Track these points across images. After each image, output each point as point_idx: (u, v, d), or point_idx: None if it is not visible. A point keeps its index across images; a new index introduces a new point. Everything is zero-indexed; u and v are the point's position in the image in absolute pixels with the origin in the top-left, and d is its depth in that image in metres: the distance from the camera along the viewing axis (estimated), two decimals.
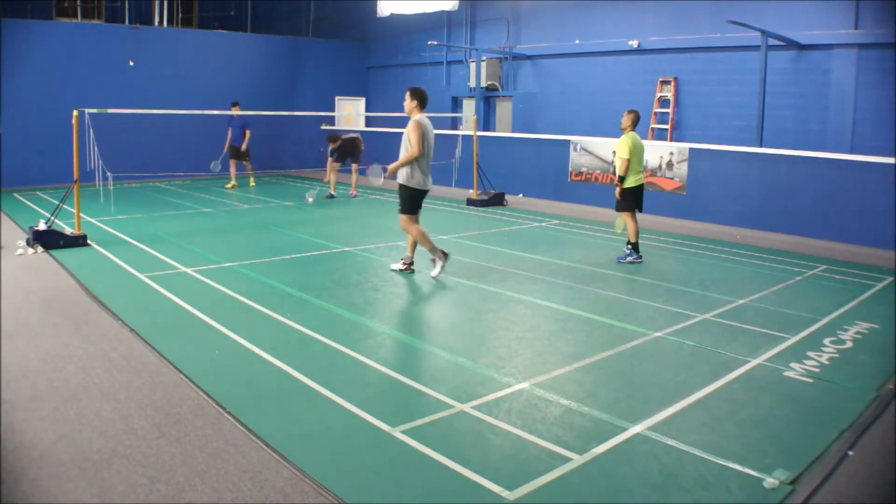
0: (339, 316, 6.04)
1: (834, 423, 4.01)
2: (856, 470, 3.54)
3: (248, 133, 14.51)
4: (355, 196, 14.18)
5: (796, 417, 4.13)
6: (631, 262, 8.23)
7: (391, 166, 7.32)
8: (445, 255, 7.36)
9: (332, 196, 13.93)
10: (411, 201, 7.25)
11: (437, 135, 7.72)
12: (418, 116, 7.16)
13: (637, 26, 14.48)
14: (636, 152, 8.18)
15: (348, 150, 13.82)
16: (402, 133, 7.24)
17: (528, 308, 6.33)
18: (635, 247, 8.29)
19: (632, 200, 8.30)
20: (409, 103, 7.21)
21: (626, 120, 8.33)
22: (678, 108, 13.89)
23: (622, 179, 8.15)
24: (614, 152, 8.61)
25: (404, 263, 7.55)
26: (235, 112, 14.24)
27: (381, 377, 4.61)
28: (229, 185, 15.06)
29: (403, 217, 7.31)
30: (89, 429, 3.77)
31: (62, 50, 15.64)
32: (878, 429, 4.02)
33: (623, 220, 8.39)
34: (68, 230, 8.96)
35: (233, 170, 14.96)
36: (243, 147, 14.55)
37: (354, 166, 14.03)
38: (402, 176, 7.20)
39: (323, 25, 21.20)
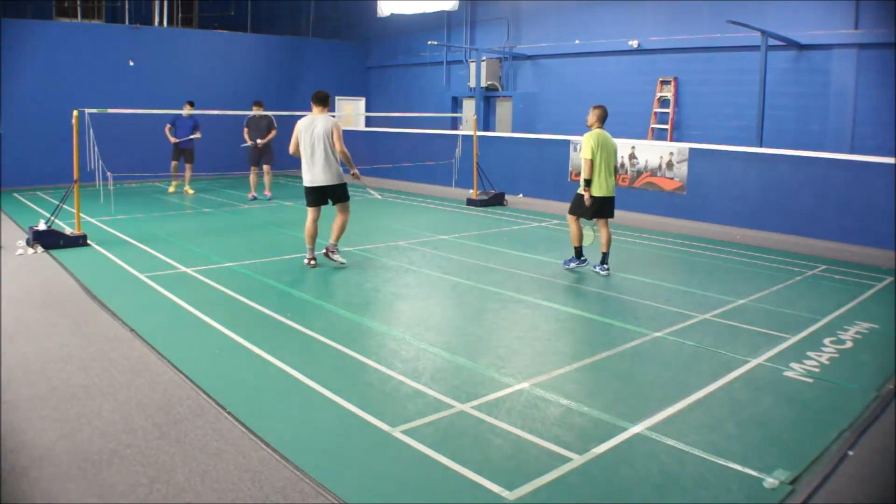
0: (339, 316, 6.04)
1: (834, 423, 4.01)
2: (856, 470, 3.54)
3: (198, 134, 13.70)
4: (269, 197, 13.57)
5: (796, 417, 4.13)
6: (574, 269, 7.68)
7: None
8: (313, 259, 7.76)
9: (254, 198, 13.42)
10: (306, 196, 7.69)
11: (437, 135, 7.76)
12: (306, 117, 7.57)
13: (637, 26, 14.48)
14: (603, 152, 7.37)
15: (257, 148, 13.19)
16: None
17: (528, 308, 6.33)
18: (578, 252, 7.69)
19: (592, 209, 7.46)
20: None
21: (590, 116, 7.50)
22: (678, 108, 13.89)
23: (588, 183, 7.34)
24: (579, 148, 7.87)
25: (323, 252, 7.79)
26: (187, 111, 13.25)
27: (381, 377, 4.61)
28: (172, 189, 14.39)
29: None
30: (89, 429, 3.77)
31: (62, 50, 15.62)
32: (878, 429, 4.01)
33: (588, 229, 7.68)
34: (68, 230, 8.96)
35: (175, 170, 14.11)
36: (196, 135, 13.64)
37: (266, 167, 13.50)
38: None
39: (323, 25, 21.19)
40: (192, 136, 13.67)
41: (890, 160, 9.59)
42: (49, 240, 8.48)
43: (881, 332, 5.78)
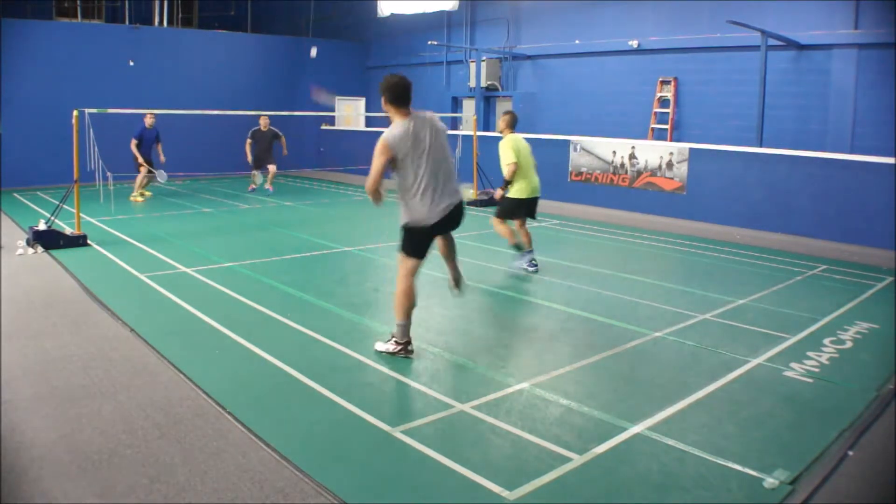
0: (339, 316, 6.04)
1: (834, 423, 4.01)
2: (856, 470, 3.54)
3: (159, 144, 13.02)
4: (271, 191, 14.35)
5: (796, 417, 4.13)
6: (527, 268, 7.56)
7: None
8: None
9: (253, 190, 13.99)
10: (417, 237, 6.93)
11: None
12: (396, 126, 4.84)
13: (637, 26, 14.48)
14: (521, 155, 7.52)
15: (263, 150, 13.70)
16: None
17: (528, 308, 6.33)
18: (519, 247, 7.66)
19: (520, 210, 7.66)
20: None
21: (500, 122, 7.61)
22: (678, 108, 13.89)
23: (507, 184, 7.51)
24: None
25: None
26: (150, 122, 12.70)
27: (381, 377, 4.61)
28: (146, 196, 13.51)
29: None
30: (89, 429, 3.77)
31: (62, 50, 15.63)
32: (878, 429, 4.01)
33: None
34: (68, 230, 8.95)
35: (145, 180, 13.24)
36: (162, 158, 13.04)
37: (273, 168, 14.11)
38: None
39: (323, 25, 21.19)
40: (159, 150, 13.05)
41: (890, 160, 9.59)
42: (49, 240, 8.47)
43: (881, 332, 5.78)
